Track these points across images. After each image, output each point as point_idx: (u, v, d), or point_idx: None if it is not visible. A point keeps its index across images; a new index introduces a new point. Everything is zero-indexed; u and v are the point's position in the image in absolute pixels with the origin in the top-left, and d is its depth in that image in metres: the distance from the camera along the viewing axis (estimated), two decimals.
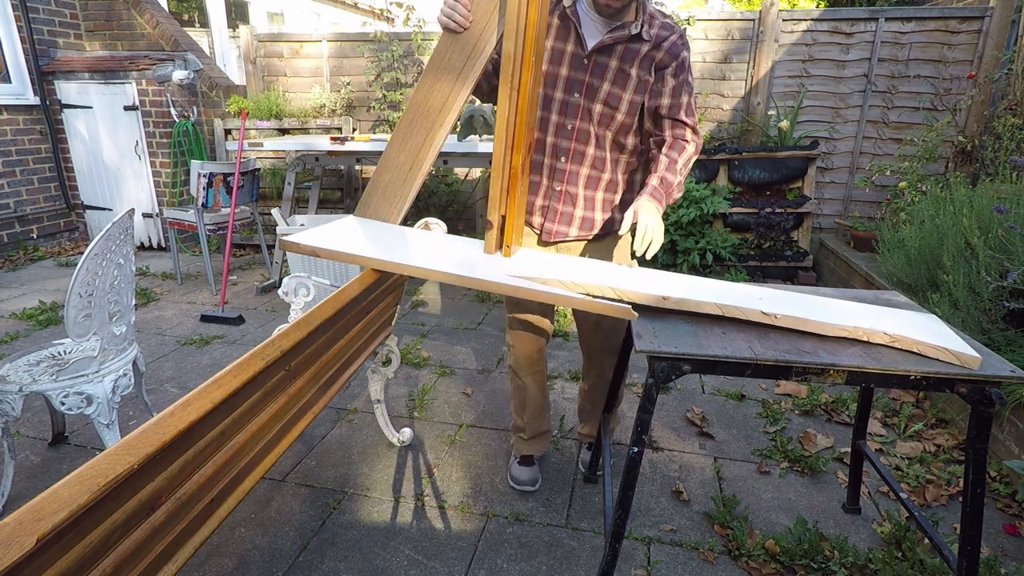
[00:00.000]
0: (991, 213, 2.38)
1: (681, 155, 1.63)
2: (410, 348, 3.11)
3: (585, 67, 1.61)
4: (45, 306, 3.63)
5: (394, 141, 1.65)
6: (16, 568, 0.66)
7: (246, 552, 1.72)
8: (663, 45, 1.58)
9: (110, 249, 1.73)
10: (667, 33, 1.59)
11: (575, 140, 1.67)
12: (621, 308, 1.38)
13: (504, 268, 1.48)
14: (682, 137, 1.65)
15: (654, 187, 1.59)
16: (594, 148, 1.68)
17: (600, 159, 1.70)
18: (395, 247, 1.57)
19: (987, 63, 3.91)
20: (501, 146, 1.47)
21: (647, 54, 1.59)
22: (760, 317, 1.35)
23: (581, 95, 1.63)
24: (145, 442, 0.85)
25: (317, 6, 9.19)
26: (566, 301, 1.42)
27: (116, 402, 1.84)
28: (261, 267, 4.69)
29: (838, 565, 1.64)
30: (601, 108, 1.63)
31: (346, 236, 1.59)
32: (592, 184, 1.72)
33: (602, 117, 1.64)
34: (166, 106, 4.79)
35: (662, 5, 4.20)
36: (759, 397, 2.64)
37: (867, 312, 1.41)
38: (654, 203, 1.55)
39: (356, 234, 1.61)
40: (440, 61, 1.56)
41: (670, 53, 1.59)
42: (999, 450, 2.11)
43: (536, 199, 1.76)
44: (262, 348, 1.14)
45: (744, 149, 4.23)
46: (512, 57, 1.39)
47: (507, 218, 1.53)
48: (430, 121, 1.59)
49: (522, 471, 2.03)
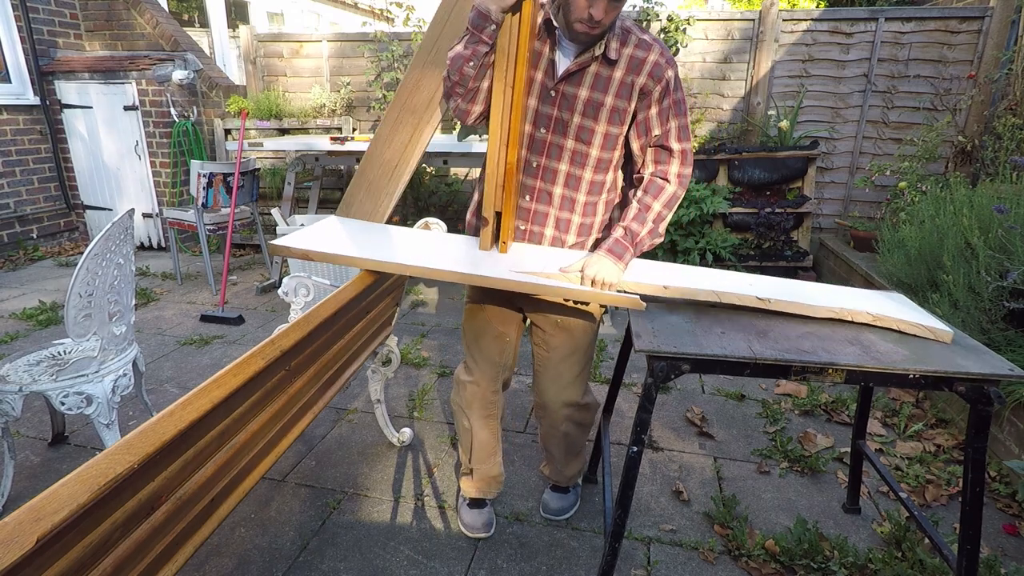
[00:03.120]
0: (991, 213, 2.38)
1: (657, 199, 1.46)
2: (410, 348, 3.11)
3: (552, 99, 1.45)
4: (45, 306, 3.63)
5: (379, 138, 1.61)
6: (16, 568, 0.66)
7: (246, 552, 1.72)
8: (643, 68, 1.40)
9: (110, 249, 1.73)
10: (644, 53, 1.40)
11: (540, 179, 1.51)
12: (630, 298, 1.39)
13: (504, 264, 1.47)
14: (662, 175, 1.47)
15: (615, 240, 1.45)
16: (562, 188, 1.51)
17: (569, 199, 1.52)
18: (390, 247, 1.54)
19: (987, 63, 3.91)
20: (496, 142, 1.44)
21: (623, 80, 1.41)
22: (755, 303, 1.40)
23: (548, 130, 1.47)
24: (145, 442, 0.85)
25: (317, 6, 9.19)
26: (576, 294, 1.42)
27: (116, 402, 1.84)
28: (261, 267, 4.69)
29: (838, 565, 1.64)
30: (573, 144, 1.47)
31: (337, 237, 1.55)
32: (562, 226, 1.55)
33: (575, 155, 1.47)
34: (166, 106, 4.79)
35: (662, 5, 4.20)
36: (759, 397, 2.64)
37: (850, 295, 1.49)
38: (610, 259, 1.42)
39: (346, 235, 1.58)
40: (427, 56, 1.53)
41: (653, 77, 1.40)
42: (999, 450, 2.11)
43: (478, 221, 1.61)
44: (262, 348, 1.14)
45: (744, 149, 4.23)
46: (506, 52, 1.38)
47: (503, 214, 1.50)
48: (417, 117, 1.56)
49: (472, 515, 1.80)
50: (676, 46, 4.23)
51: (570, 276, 1.43)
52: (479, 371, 1.71)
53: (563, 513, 1.86)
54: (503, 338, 1.68)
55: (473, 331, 1.69)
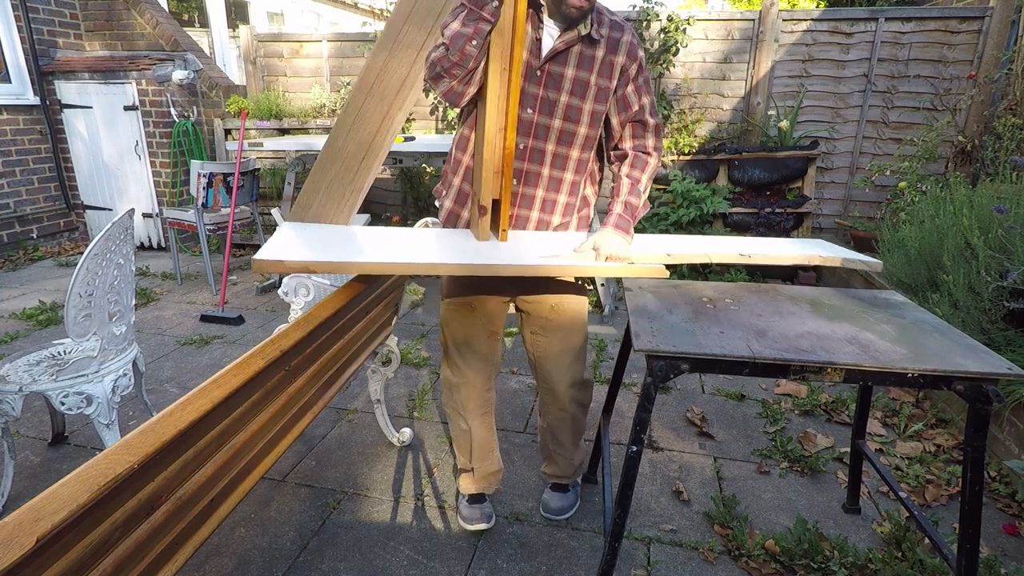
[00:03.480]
0: (991, 213, 2.38)
1: (644, 172, 1.55)
2: (410, 348, 3.12)
3: (538, 79, 1.45)
4: (45, 306, 3.63)
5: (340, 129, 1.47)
6: (16, 568, 0.66)
7: (246, 552, 1.72)
8: (620, 48, 1.47)
9: (110, 249, 1.73)
10: (619, 33, 1.47)
11: (528, 160, 1.52)
12: (656, 267, 1.47)
13: (505, 253, 1.44)
14: (643, 149, 1.55)
15: (619, 215, 1.51)
16: (549, 168, 1.52)
17: (556, 180, 1.54)
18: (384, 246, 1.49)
19: (987, 63, 3.91)
20: (492, 126, 1.39)
21: (605, 59, 1.46)
22: (739, 259, 1.58)
23: (535, 110, 1.47)
24: (145, 442, 0.85)
25: (317, 6, 9.19)
26: (604, 271, 1.44)
27: (116, 402, 1.84)
28: None
29: (838, 565, 1.64)
30: (561, 124, 1.48)
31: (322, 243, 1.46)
32: (548, 207, 1.57)
33: (562, 134, 1.49)
34: (166, 106, 4.79)
35: (662, 5, 4.20)
36: (759, 397, 2.64)
37: (804, 245, 1.77)
38: (619, 235, 1.48)
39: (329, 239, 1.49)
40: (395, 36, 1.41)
41: (630, 56, 1.48)
42: (999, 450, 2.11)
43: (463, 212, 1.61)
44: (262, 347, 1.14)
45: (744, 149, 4.23)
46: (503, 31, 1.31)
47: (501, 201, 1.46)
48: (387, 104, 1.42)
49: (472, 509, 1.80)
50: (676, 46, 4.23)
51: (587, 256, 1.47)
52: (472, 371, 1.70)
53: (564, 512, 1.86)
54: (495, 336, 1.69)
55: (463, 332, 1.66)
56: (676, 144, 4.32)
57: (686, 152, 4.32)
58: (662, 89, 4.40)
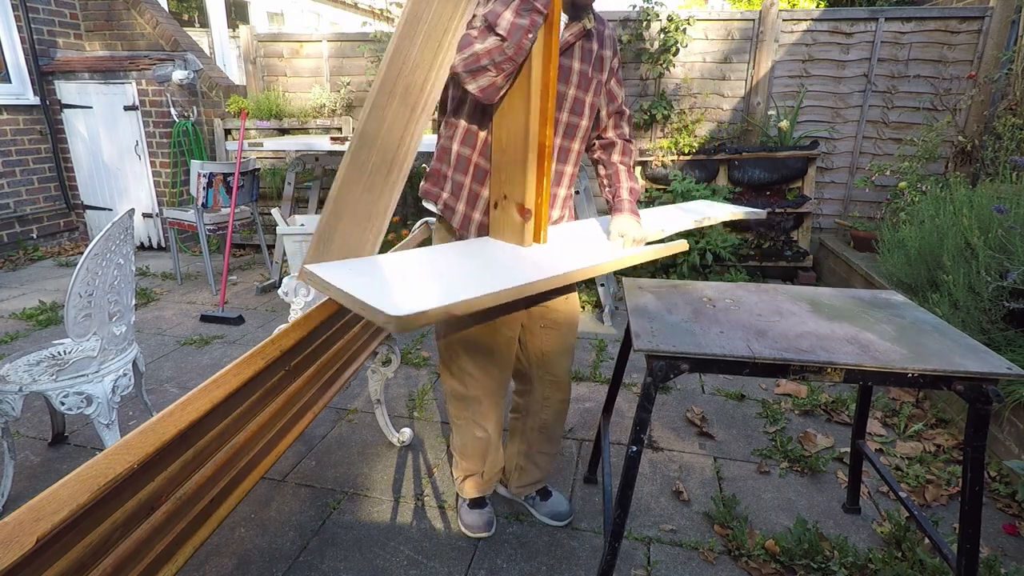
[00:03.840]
0: (991, 213, 2.38)
1: (632, 157, 1.66)
2: (410, 348, 3.12)
3: None
4: (45, 306, 3.63)
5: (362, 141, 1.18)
6: (16, 568, 0.66)
7: (246, 552, 1.72)
8: (606, 42, 1.50)
9: (110, 249, 1.73)
10: (603, 27, 1.50)
11: None
12: (680, 243, 1.60)
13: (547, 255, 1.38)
14: (626, 136, 1.63)
15: (628, 201, 1.57)
16: (555, 163, 1.48)
17: (559, 173, 1.52)
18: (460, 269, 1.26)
19: (987, 63, 3.91)
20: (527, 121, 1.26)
21: (598, 53, 1.48)
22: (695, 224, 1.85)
23: None
24: (145, 442, 0.85)
25: (317, 6, 9.19)
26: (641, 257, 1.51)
27: (116, 402, 1.84)
28: (261, 267, 4.69)
29: (838, 565, 1.64)
30: (567, 117, 1.46)
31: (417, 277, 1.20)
32: (551, 202, 1.54)
33: (568, 128, 1.47)
34: (166, 106, 4.79)
35: (661, 5, 4.20)
36: (759, 397, 2.64)
37: (708, 206, 2.12)
38: (635, 219, 1.55)
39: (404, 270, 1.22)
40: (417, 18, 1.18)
41: (612, 49, 1.53)
42: (999, 450, 2.11)
43: (475, 214, 1.52)
44: (262, 347, 1.14)
45: (744, 149, 4.23)
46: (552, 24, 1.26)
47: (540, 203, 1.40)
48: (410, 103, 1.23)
49: (474, 516, 1.77)
50: (676, 46, 4.22)
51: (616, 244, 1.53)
52: (492, 380, 1.63)
53: (566, 517, 1.83)
54: (512, 342, 1.63)
55: (485, 343, 1.58)
56: (676, 144, 4.32)
57: (686, 152, 4.31)
58: (662, 89, 4.40)
